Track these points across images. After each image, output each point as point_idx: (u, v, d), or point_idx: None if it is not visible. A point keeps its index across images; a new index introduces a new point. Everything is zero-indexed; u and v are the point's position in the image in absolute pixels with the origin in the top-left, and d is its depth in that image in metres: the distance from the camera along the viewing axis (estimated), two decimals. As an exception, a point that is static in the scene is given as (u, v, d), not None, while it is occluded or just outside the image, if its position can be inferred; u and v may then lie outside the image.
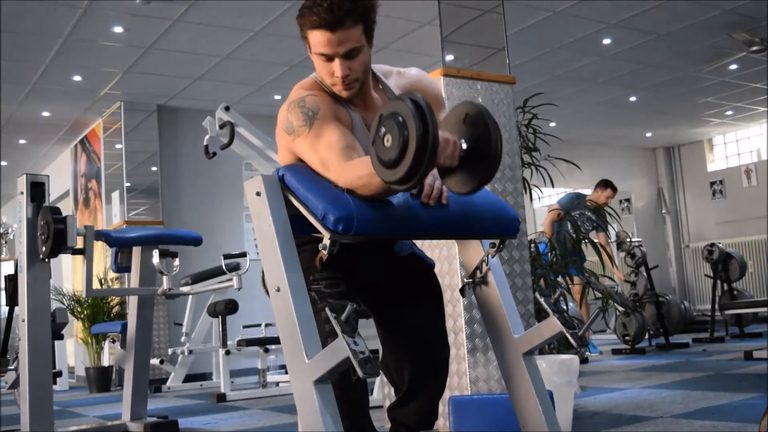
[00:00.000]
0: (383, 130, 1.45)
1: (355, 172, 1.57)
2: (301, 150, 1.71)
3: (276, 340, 5.67)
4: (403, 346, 1.92)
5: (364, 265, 1.85)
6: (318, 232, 1.57)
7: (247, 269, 3.79)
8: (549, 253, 4.38)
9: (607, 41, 6.91)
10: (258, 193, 1.61)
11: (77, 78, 6.89)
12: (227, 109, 4.56)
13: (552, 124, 7.79)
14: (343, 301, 1.45)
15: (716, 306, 7.46)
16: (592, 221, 4.81)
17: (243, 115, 4.68)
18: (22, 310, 3.29)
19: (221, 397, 5.36)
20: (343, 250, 1.56)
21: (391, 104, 1.47)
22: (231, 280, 3.67)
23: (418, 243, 3.26)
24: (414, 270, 1.97)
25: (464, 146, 1.53)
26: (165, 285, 3.63)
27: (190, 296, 6.35)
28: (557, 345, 3.82)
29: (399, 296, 1.93)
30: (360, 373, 1.35)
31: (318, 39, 1.73)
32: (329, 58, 1.75)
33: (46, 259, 3.30)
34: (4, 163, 9.78)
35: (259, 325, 6.43)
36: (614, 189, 7.11)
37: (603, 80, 8.17)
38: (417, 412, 1.93)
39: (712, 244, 7.85)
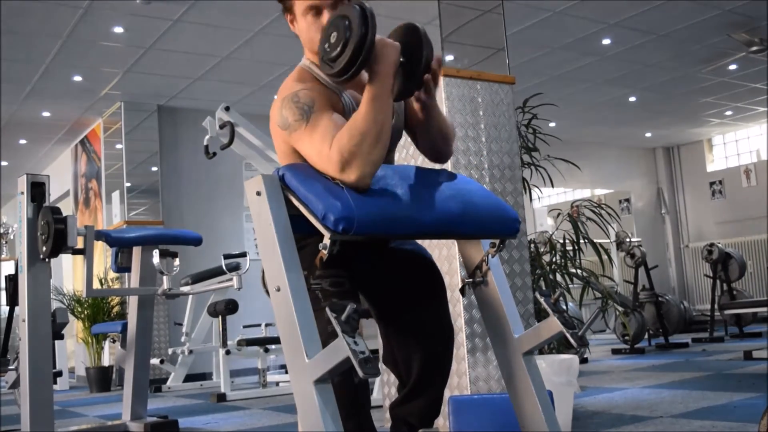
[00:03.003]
0: (331, 29, 1.62)
1: (344, 137, 1.60)
2: (297, 143, 1.71)
3: (276, 340, 5.68)
4: (413, 340, 1.91)
5: (365, 262, 1.85)
6: (318, 231, 1.57)
7: (247, 269, 3.79)
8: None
9: (607, 41, 6.91)
10: (258, 193, 1.61)
11: (77, 78, 6.89)
12: (227, 109, 4.57)
13: (552, 124, 7.79)
14: (344, 300, 1.45)
15: (716, 306, 7.46)
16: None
17: (243, 115, 4.69)
18: (22, 310, 3.29)
19: (221, 397, 5.36)
20: (343, 248, 1.56)
21: (344, 8, 1.64)
22: (231, 280, 3.68)
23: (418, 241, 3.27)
24: (417, 264, 1.97)
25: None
26: (165, 285, 3.64)
27: (190, 296, 6.36)
28: (557, 345, 3.82)
29: (404, 291, 1.93)
30: (360, 373, 1.35)
31: None
32: (317, 12, 1.80)
33: (47, 259, 3.30)
34: (4, 163, 9.79)
35: (259, 325, 6.43)
36: None
37: (603, 80, 8.17)
38: (423, 407, 1.93)
39: (712, 244, 7.86)
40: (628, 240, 7.78)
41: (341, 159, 1.58)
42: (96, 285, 6.89)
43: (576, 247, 4.32)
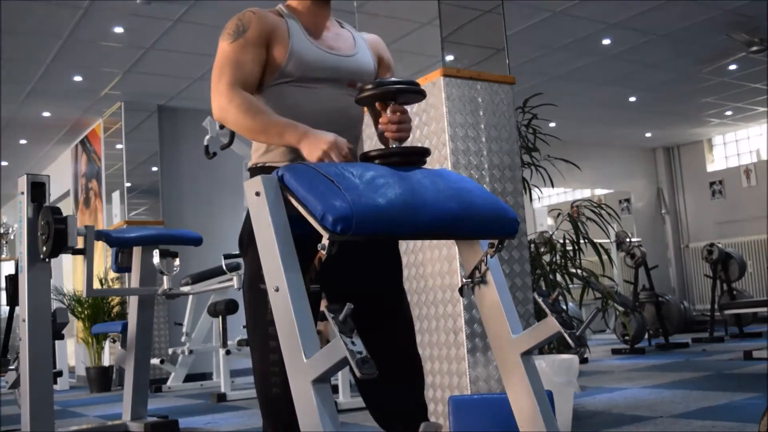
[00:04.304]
0: None
1: (244, 106, 1.79)
2: (219, 47, 1.92)
3: (276, 340, 5.67)
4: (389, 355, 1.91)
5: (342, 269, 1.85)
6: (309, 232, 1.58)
7: (247, 269, 3.78)
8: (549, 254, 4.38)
9: (607, 41, 6.91)
10: (257, 193, 1.61)
11: (78, 78, 6.90)
12: (227, 109, 4.57)
13: (552, 125, 7.79)
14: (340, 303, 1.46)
15: (716, 306, 7.46)
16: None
17: (243, 116, 4.69)
18: (22, 310, 3.30)
19: (221, 397, 5.36)
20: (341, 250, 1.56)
21: None
22: (231, 279, 3.68)
23: (419, 243, 3.28)
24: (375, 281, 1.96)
25: None
26: (165, 285, 3.64)
27: (191, 296, 6.36)
28: (557, 345, 3.82)
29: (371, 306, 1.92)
30: (357, 373, 1.35)
31: None
32: None
33: (47, 259, 3.30)
34: (4, 163, 9.79)
35: (259, 325, 6.43)
36: None
37: (603, 80, 8.17)
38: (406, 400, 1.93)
39: (712, 244, 7.85)
40: (628, 240, 7.78)
41: (225, 103, 1.82)
42: (96, 285, 6.89)
43: (576, 247, 4.32)
